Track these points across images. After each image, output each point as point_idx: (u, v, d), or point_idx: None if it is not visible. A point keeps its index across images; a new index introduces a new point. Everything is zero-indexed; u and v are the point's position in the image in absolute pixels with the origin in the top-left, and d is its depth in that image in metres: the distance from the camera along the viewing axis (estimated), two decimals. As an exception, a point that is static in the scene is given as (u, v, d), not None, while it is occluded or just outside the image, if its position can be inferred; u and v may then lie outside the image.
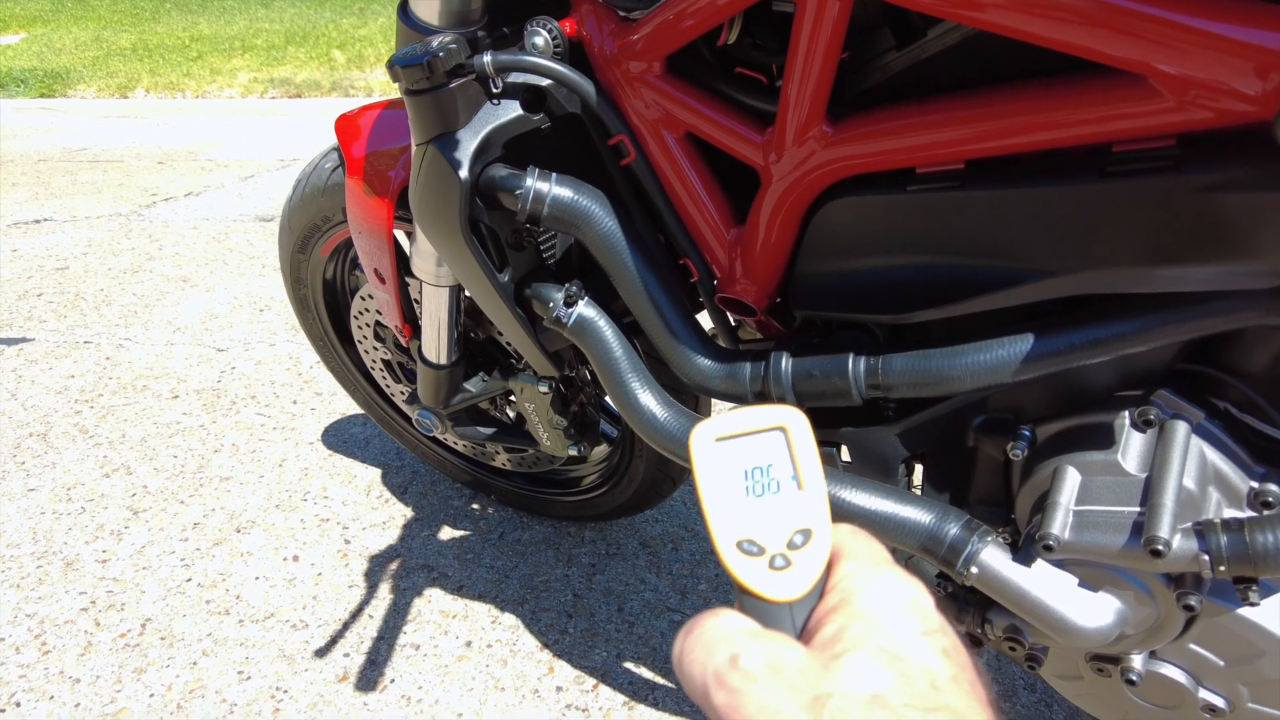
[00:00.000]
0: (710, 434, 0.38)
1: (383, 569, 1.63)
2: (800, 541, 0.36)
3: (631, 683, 1.38)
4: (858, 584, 0.35)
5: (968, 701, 0.31)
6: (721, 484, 0.37)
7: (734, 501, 0.37)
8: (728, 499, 0.37)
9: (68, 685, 1.39)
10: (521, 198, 0.85)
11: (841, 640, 0.32)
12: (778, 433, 0.38)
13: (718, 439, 0.38)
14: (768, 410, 0.38)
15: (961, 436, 0.86)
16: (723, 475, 0.37)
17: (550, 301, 0.94)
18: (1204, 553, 0.69)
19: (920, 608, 0.34)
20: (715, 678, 0.32)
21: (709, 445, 0.38)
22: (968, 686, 0.32)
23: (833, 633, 0.32)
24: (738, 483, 0.37)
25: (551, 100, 0.88)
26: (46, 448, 2.01)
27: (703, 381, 0.89)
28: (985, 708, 0.32)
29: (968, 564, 0.78)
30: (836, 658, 0.31)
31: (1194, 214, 0.62)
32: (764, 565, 0.35)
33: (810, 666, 0.31)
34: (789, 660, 0.32)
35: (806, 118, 0.74)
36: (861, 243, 0.78)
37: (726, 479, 0.37)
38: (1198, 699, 0.83)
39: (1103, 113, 0.62)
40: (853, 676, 0.30)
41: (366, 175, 1.18)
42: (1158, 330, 0.69)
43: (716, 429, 0.38)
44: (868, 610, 0.33)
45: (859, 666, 0.31)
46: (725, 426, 0.38)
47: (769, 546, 0.36)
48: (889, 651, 0.31)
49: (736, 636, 0.33)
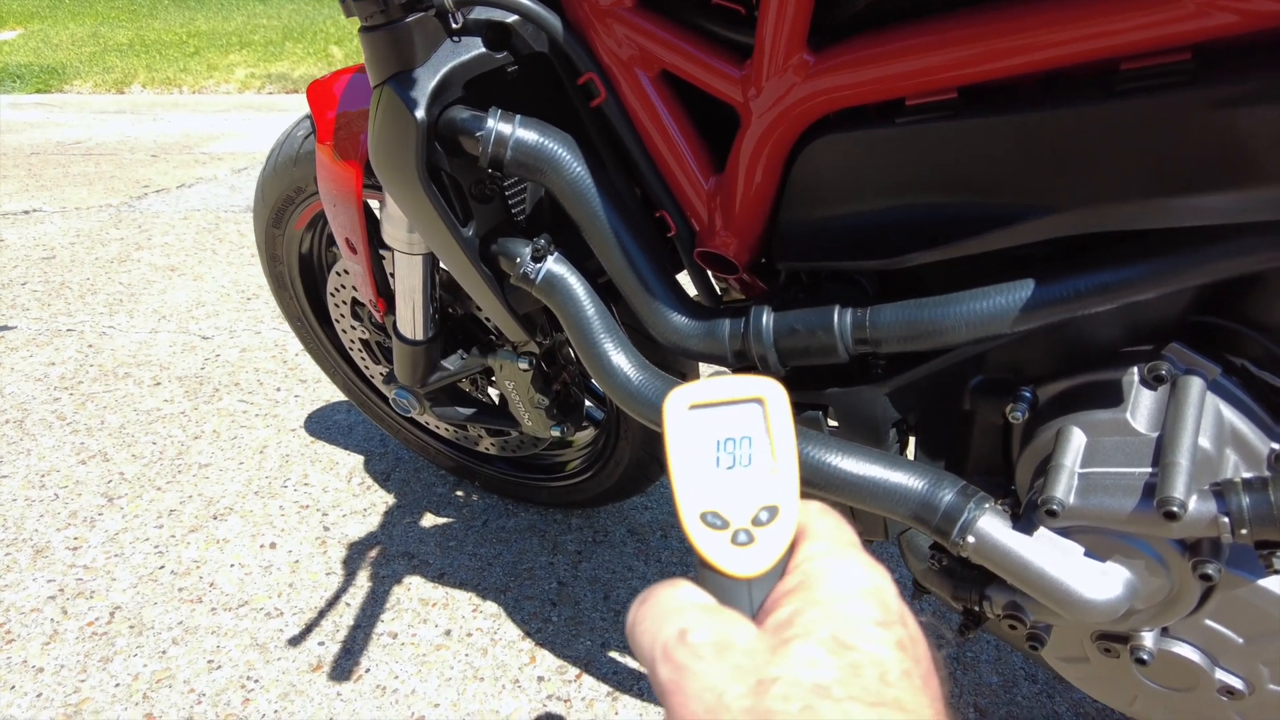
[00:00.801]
0: (684, 400, 0.37)
1: (362, 556, 1.57)
2: (766, 518, 0.35)
3: (616, 672, 1.32)
4: (819, 567, 0.34)
5: (918, 698, 0.30)
6: (692, 453, 0.36)
7: (703, 472, 0.36)
8: (697, 469, 0.36)
9: (30, 675, 1.33)
10: (482, 140, 0.79)
11: (794, 625, 0.31)
12: (755, 404, 0.37)
13: (692, 406, 0.37)
14: (746, 380, 0.37)
15: (957, 399, 0.80)
16: (694, 444, 0.36)
17: (517, 257, 0.88)
18: (1223, 515, 0.63)
19: (879, 596, 0.33)
20: (663, 651, 0.31)
21: (682, 412, 0.37)
22: (919, 682, 0.31)
23: (786, 615, 0.32)
24: (709, 453, 0.36)
25: (516, 38, 0.82)
26: (22, 434, 1.96)
27: (679, 341, 0.83)
28: (935, 704, 0.31)
29: (964, 533, 0.72)
30: (786, 642, 0.30)
31: (1212, 134, 0.56)
32: (726, 539, 0.35)
33: (759, 649, 0.31)
34: (738, 640, 0.31)
35: (786, 47, 0.68)
36: (848, 183, 0.72)
37: (697, 448, 0.36)
38: (1214, 680, 0.76)
39: (1110, 24, 0.56)
40: (800, 663, 0.29)
41: (336, 140, 1.13)
42: (1170, 274, 0.63)
43: (691, 395, 0.37)
44: (825, 595, 0.32)
45: (808, 653, 0.30)
46: (701, 393, 0.37)
47: (733, 520, 0.35)
48: (840, 640, 0.30)
49: (688, 611, 0.33)
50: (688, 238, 0.87)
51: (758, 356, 0.79)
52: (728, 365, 0.83)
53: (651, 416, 0.84)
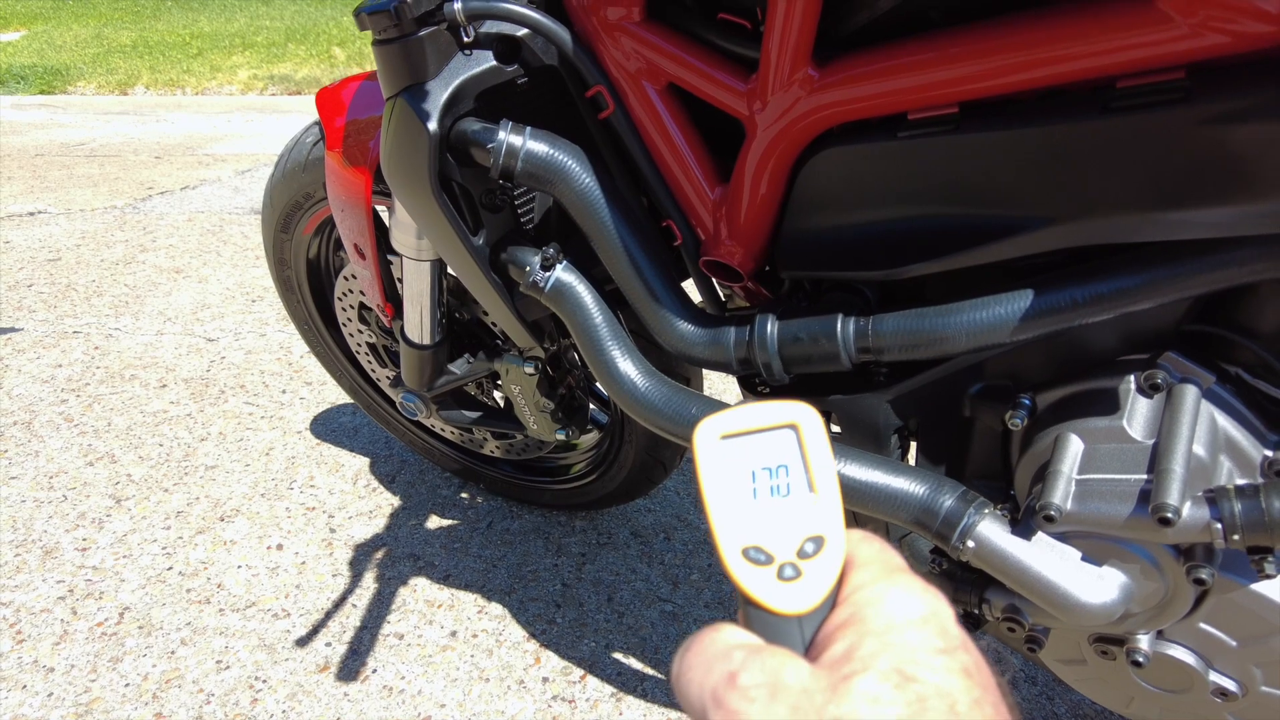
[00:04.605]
0: (715, 430, 0.35)
1: (368, 558, 1.59)
2: (811, 550, 0.33)
3: (620, 674, 1.33)
4: (870, 595, 0.31)
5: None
6: (727, 485, 0.34)
7: (740, 505, 0.34)
8: (733, 502, 0.34)
9: (41, 674, 1.35)
10: (494, 152, 0.81)
11: (851, 660, 0.29)
12: (788, 430, 0.34)
13: (724, 436, 0.35)
14: (778, 405, 0.35)
15: (957, 406, 0.82)
16: (728, 476, 0.34)
17: (526, 265, 0.89)
18: (1216, 520, 0.64)
19: (939, 622, 0.30)
20: (713, 698, 0.29)
21: (714, 443, 0.34)
22: (991, 710, 0.28)
23: (842, 651, 0.29)
24: (744, 484, 0.34)
25: (526, 51, 0.84)
26: (30, 436, 1.97)
27: (685, 348, 0.84)
28: None
29: (964, 537, 0.74)
30: (845, 679, 0.28)
31: (1205, 150, 0.57)
32: (772, 575, 0.32)
33: (816, 688, 0.28)
34: (792, 680, 0.29)
35: (791, 61, 0.69)
36: (851, 195, 0.74)
37: (732, 480, 0.34)
38: (1208, 682, 0.78)
39: (1106, 44, 0.57)
40: (862, 701, 0.27)
41: (345, 147, 1.14)
42: (1165, 284, 0.65)
43: (722, 425, 0.35)
44: (880, 626, 0.30)
45: (869, 689, 0.27)
46: (732, 422, 0.35)
47: (778, 555, 0.33)
48: (903, 673, 0.28)
49: (735, 652, 0.30)
50: (693, 247, 0.89)
51: (762, 364, 0.81)
52: (732, 372, 0.85)
53: (658, 423, 0.86)
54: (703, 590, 1.50)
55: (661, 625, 1.42)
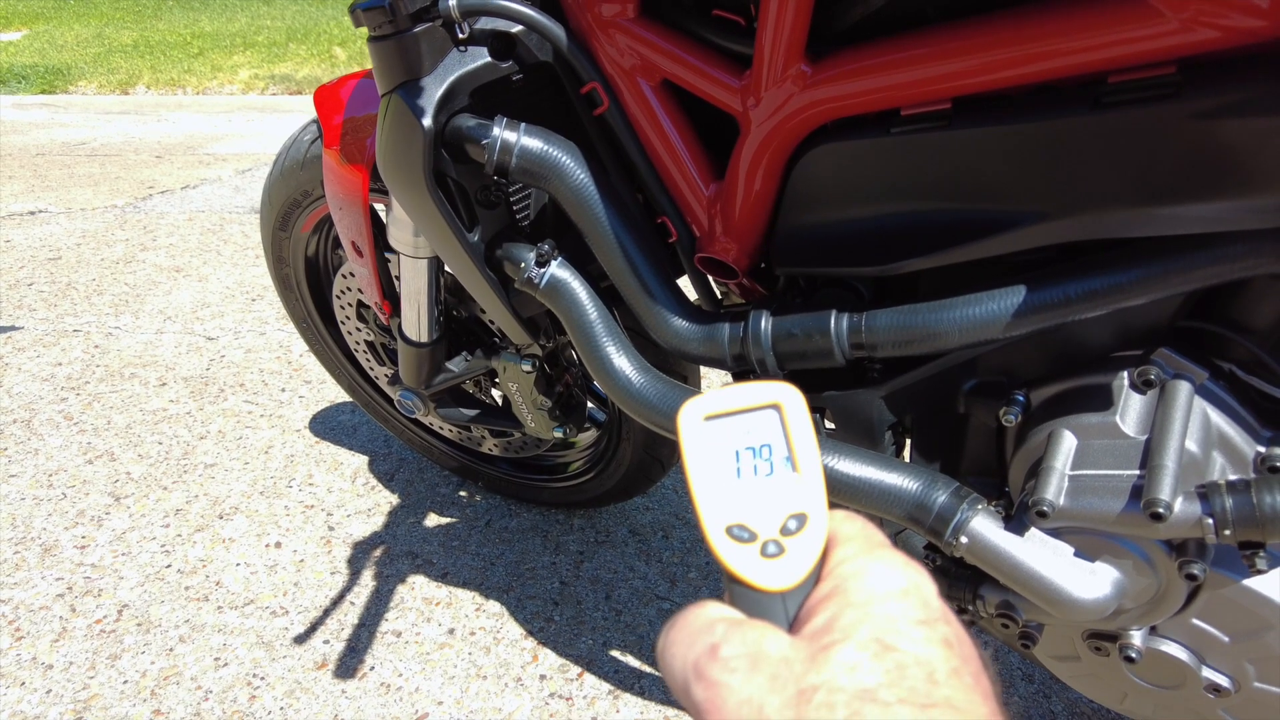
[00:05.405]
0: (699, 411, 0.35)
1: (366, 556, 1.59)
2: (794, 527, 0.33)
3: (617, 671, 1.33)
4: (852, 569, 0.32)
5: (969, 696, 0.28)
6: (711, 465, 0.35)
7: (724, 484, 0.34)
8: (717, 481, 0.34)
9: (39, 671, 1.35)
10: (488, 148, 0.81)
11: (831, 631, 0.29)
12: (771, 410, 0.35)
13: (707, 417, 0.35)
14: (761, 386, 0.35)
15: (951, 402, 0.82)
16: (712, 456, 0.35)
17: (522, 262, 0.90)
18: (1208, 516, 0.64)
19: (920, 594, 0.31)
20: (694, 669, 0.29)
21: (697, 424, 0.35)
22: (970, 680, 0.28)
23: (823, 622, 0.30)
24: (728, 464, 0.35)
25: (521, 48, 0.84)
26: (29, 434, 1.98)
27: (679, 344, 0.84)
28: (988, 702, 0.28)
29: (957, 533, 0.74)
30: (825, 649, 0.28)
31: (1197, 145, 0.57)
32: (755, 552, 0.33)
33: (795, 657, 0.29)
34: (772, 650, 0.29)
35: (784, 57, 0.69)
36: (845, 191, 0.74)
37: (716, 460, 0.35)
38: (1201, 678, 0.78)
39: (1098, 39, 0.57)
40: (841, 669, 0.28)
41: (342, 144, 1.15)
42: (1159, 280, 0.65)
43: (706, 406, 0.35)
44: (861, 598, 0.30)
45: (849, 658, 0.28)
46: (715, 403, 0.35)
47: (761, 532, 0.33)
48: (882, 642, 0.28)
49: (717, 625, 0.31)
50: (688, 243, 0.89)
51: (756, 360, 0.81)
52: (727, 368, 0.85)
53: (653, 418, 0.86)
54: (700, 588, 1.50)
55: (659, 623, 1.43)
